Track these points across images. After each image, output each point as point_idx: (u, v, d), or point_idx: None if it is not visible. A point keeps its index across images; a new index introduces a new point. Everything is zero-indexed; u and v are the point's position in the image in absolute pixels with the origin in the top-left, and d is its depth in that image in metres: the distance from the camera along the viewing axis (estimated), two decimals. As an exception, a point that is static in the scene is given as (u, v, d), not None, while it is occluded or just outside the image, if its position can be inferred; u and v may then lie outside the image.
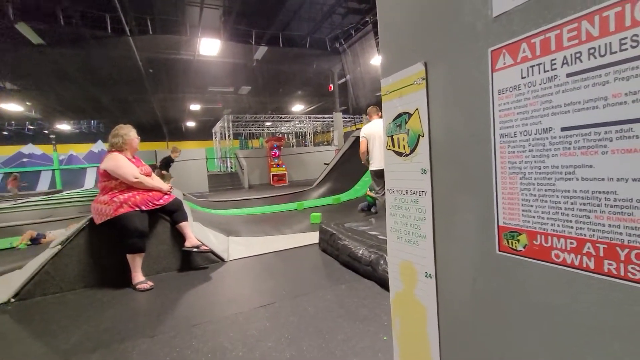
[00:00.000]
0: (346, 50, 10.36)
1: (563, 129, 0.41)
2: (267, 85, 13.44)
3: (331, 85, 12.16)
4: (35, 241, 3.87)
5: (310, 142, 19.39)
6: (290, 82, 13.60)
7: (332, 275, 2.25)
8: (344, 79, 11.90)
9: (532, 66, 0.44)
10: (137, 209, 2.32)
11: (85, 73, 10.04)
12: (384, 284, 1.93)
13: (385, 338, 1.40)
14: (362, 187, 6.07)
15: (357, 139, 8.00)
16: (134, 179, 2.33)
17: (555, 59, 0.41)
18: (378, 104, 3.87)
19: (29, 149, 19.67)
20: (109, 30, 7.14)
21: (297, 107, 18.53)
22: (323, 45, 10.13)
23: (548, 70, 0.42)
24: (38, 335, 1.65)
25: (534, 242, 0.45)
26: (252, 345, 1.41)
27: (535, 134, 0.44)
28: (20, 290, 2.16)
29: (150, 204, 2.40)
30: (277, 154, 12.53)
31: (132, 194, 2.34)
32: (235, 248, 3.07)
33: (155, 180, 2.49)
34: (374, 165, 3.63)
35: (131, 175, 2.33)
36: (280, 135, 19.06)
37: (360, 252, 2.21)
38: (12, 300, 2.12)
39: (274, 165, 12.37)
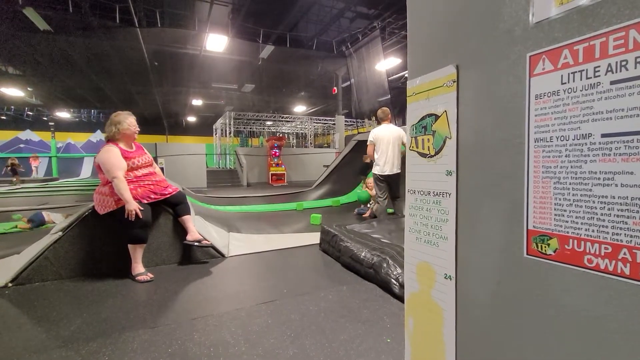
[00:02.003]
0: (352, 54, 10.39)
1: (604, 135, 0.41)
2: (271, 84, 13.45)
3: (335, 88, 12.19)
4: (35, 224, 3.86)
5: (311, 143, 19.41)
6: (294, 82, 13.61)
7: (334, 276, 2.25)
8: (348, 83, 11.93)
9: (573, 72, 0.44)
10: (140, 201, 2.29)
11: (90, 62, 9.99)
12: (386, 287, 1.93)
13: (388, 340, 1.40)
14: (362, 192, 6.06)
15: (359, 142, 8.02)
16: (112, 177, 2.18)
17: (599, 66, 0.42)
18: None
19: (26, 135, 19.56)
20: (118, 21, 7.12)
21: (299, 108, 18.54)
22: (329, 47, 10.16)
23: (591, 77, 0.43)
24: (38, 320, 1.64)
25: (566, 246, 0.46)
26: (254, 341, 1.41)
27: (574, 140, 0.45)
28: (19, 275, 2.14)
29: (153, 195, 2.39)
30: (277, 154, 12.53)
31: (134, 187, 2.30)
32: (235, 244, 3.06)
33: (125, 192, 2.19)
34: (378, 170, 3.62)
35: (113, 172, 2.18)
36: (281, 135, 19.07)
37: (363, 254, 2.21)
38: (10, 284, 2.10)
39: (274, 165, 12.36)
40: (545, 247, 0.48)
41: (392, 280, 1.90)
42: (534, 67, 0.49)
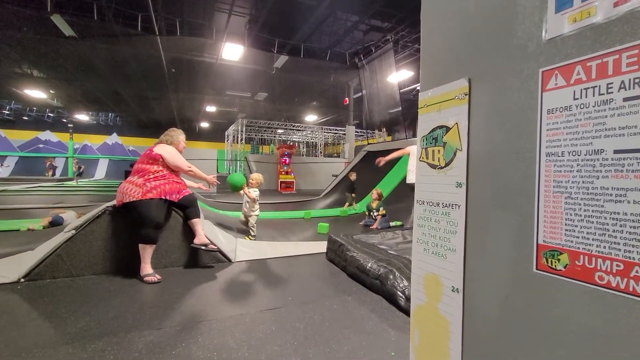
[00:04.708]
0: (365, 66, 10.49)
1: (616, 152, 0.41)
2: (284, 93, 13.64)
3: (347, 98, 12.28)
4: (54, 224, 3.94)
5: (321, 152, 19.49)
6: (306, 92, 13.78)
7: (339, 285, 2.23)
8: (359, 94, 12.02)
9: (586, 88, 0.45)
10: (164, 197, 2.39)
11: (111, 67, 10.35)
12: (392, 299, 1.90)
13: (393, 354, 1.38)
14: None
15: (368, 153, 8.01)
16: (188, 168, 2.60)
17: (611, 83, 0.42)
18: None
19: (46, 135, 20.23)
20: (139, 29, 7.39)
21: (311, 117, 18.71)
22: (342, 59, 10.29)
23: (603, 94, 0.43)
24: (47, 316, 1.67)
25: (576, 262, 0.46)
26: (258, 347, 1.40)
27: (585, 155, 0.45)
28: (31, 271, 2.19)
29: (174, 195, 2.47)
30: (287, 162, 12.60)
31: (164, 182, 2.43)
32: (242, 250, 3.07)
33: (201, 173, 2.75)
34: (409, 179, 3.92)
35: (186, 164, 2.59)
36: (292, 144, 19.20)
37: (369, 265, 2.19)
38: (22, 280, 2.15)
39: (283, 173, 12.43)
40: (555, 262, 0.48)
41: (398, 292, 1.88)
42: (546, 82, 0.50)
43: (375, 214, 4.81)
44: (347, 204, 6.65)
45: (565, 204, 0.47)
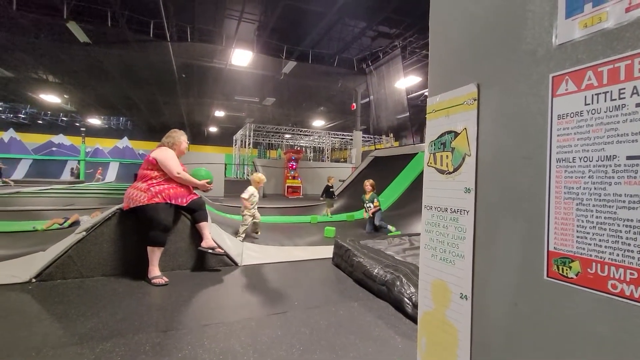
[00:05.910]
0: (372, 72, 10.52)
1: (629, 158, 0.41)
2: (292, 98, 13.75)
3: (354, 104, 12.30)
4: (75, 224, 4.02)
5: (328, 157, 19.51)
6: (314, 97, 13.87)
7: (345, 291, 2.22)
8: (367, 99, 12.04)
9: (597, 94, 0.44)
10: (169, 201, 2.41)
11: (123, 73, 10.60)
12: (398, 306, 1.88)
13: (399, 361, 1.36)
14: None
15: (375, 158, 7.99)
16: (176, 174, 2.48)
17: (624, 88, 0.42)
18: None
19: (59, 139, 20.69)
20: (151, 35, 7.57)
21: (318, 123, 18.78)
22: (350, 64, 10.34)
23: (615, 99, 0.42)
24: (57, 317, 1.70)
25: (589, 270, 0.45)
26: (263, 351, 1.40)
27: (597, 161, 0.44)
28: (42, 272, 2.23)
29: (180, 199, 2.50)
30: (294, 166, 12.63)
31: (168, 187, 2.45)
32: (248, 254, 3.08)
33: (191, 180, 2.63)
34: None
35: (175, 170, 2.48)
36: (299, 148, 19.27)
37: (376, 270, 2.17)
38: (33, 280, 2.19)
39: (290, 177, 12.45)
40: (566, 269, 0.47)
41: (405, 299, 1.85)
42: (557, 87, 0.49)
43: (370, 205, 4.67)
44: (325, 209, 6.39)
45: (577, 210, 0.46)
